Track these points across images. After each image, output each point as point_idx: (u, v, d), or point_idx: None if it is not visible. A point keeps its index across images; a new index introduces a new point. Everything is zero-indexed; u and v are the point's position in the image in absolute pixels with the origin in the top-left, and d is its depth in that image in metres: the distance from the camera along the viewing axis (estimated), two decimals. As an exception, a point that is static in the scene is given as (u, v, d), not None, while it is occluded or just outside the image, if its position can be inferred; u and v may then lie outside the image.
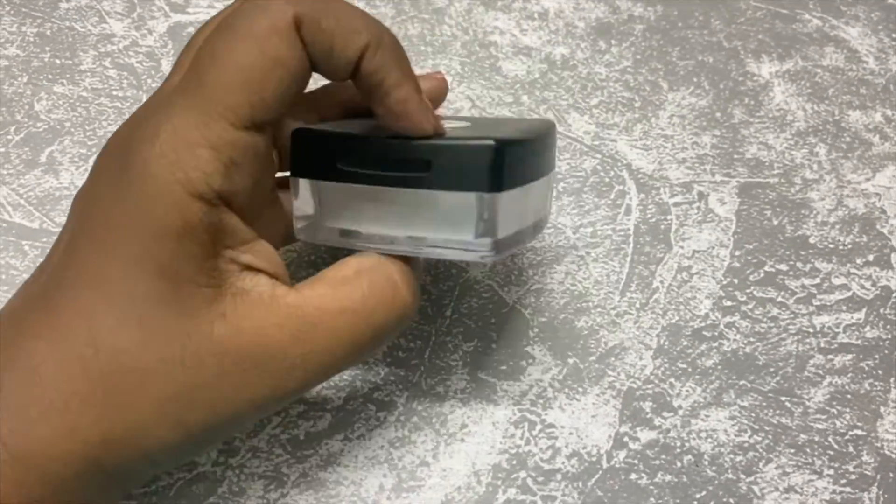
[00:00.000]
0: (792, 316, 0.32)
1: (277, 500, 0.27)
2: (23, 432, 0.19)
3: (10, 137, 0.32)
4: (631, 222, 0.33)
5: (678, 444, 0.29)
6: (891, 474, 0.29)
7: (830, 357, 0.31)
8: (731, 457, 0.29)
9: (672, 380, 0.30)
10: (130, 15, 0.36)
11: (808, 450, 0.29)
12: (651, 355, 0.31)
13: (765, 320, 0.32)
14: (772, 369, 0.31)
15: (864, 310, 0.32)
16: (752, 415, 0.30)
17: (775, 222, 0.34)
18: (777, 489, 0.29)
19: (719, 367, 0.31)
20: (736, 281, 0.32)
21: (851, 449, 0.30)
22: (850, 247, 0.34)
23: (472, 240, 0.21)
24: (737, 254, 0.33)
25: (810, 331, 0.32)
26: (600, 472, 0.29)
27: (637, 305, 0.32)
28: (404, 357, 0.30)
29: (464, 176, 0.21)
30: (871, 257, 0.34)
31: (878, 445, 0.30)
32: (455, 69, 0.36)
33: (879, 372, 0.31)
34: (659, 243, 0.33)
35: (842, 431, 0.30)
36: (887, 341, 0.32)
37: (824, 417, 0.30)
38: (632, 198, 0.34)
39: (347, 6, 0.21)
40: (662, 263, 0.33)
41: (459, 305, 0.31)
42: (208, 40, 0.20)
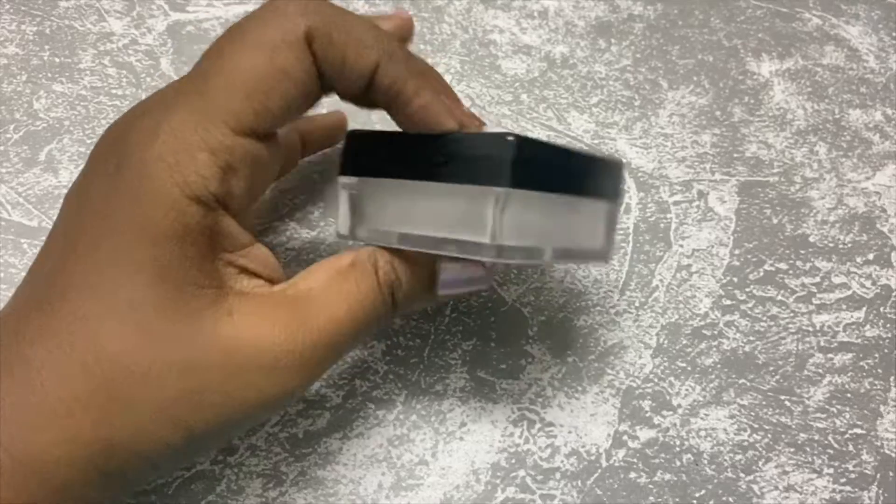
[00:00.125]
0: (792, 315, 0.32)
1: (276, 498, 0.27)
2: (24, 438, 0.18)
3: (9, 136, 0.32)
4: (630, 221, 0.33)
5: (677, 442, 0.29)
6: (890, 473, 0.29)
7: (830, 356, 0.31)
8: (731, 455, 0.29)
9: (671, 378, 0.30)
10: (130, 13, 0.36)
11: (808, 449, 0.29)
12: (650, 354, 0.31)
13: (764, 319, 0.32)
14: (771, 368, 0.31)
15: (864, 308, 0.32)
16: (752, 413, 0.30)
17: (775, 221, 0.34)
18: (777, 488, 0.29)
19: (719, 365, 0.31)
20: (735, 280, 0.32)
21: (851, 448, 0.30)
22: (849, 245, 0.34)
23: (477, 239, 0.21)
24: (736, 252, 0.33)
25: (810, 329, 0.32)
26: (599, 470, 0.29)
27: (636, 304, 0.32)
28: (403, 355, 0.30)
29: (479, 169, 0.21)
30: (871, 256, 0.34)
31: (878, 444, 0.30)
32: (455, 68, 0.36)
33: (879, 371, 0.31)
34: (658, 242, 0.33)
35: (841, 430, 0.30)
36: (887, 340, 0.32)
37: (824, 416, 0.30)
38: (631, 196, 0.34)
39: (360, 20, 0.21)
40: (662, 262, 0.33)
41: (459, 304, 0.31)
42: (217, 43, 0.20)
